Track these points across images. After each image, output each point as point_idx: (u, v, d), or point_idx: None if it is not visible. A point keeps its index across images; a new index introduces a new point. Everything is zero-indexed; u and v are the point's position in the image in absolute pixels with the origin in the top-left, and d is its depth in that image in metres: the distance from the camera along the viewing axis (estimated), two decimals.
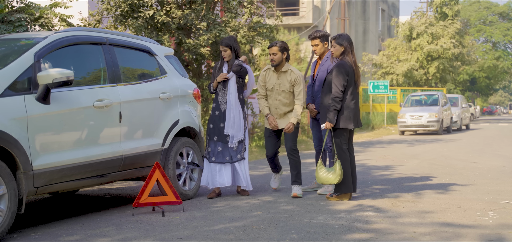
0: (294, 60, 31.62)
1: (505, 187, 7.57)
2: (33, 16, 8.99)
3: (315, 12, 38.28)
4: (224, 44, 6.92)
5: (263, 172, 9.88)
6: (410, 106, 23.38)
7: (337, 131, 6.43)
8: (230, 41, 6.93)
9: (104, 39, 6.10)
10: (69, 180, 5.42)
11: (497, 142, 17.49)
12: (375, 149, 14.85)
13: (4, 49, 5.54)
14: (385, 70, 38.01)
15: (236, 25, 12.92)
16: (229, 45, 6.90)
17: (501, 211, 5.82)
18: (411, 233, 4.87)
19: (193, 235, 4.88)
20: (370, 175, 9.11)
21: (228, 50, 6.91)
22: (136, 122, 6.19)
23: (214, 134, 6.91)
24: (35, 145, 5.00)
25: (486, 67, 53.43)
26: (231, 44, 6.90)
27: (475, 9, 60.52)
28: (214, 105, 6.99)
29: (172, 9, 12.27)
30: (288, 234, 4.85)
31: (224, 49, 6.93)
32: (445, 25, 38.53)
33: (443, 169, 9.79)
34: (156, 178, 5.92)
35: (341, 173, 6.30)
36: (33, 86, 5.09)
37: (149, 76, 6.65)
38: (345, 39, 6.48)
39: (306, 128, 19.82)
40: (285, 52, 6.90)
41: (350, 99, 6.39)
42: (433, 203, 6.30)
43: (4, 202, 4.72)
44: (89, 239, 4.81)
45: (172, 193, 5.97)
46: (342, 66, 6.38)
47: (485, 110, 67.98)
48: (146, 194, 5.88)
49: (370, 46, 45.74)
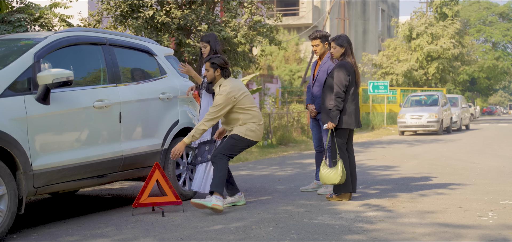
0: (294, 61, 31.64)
1: (505, 187, 7.57)
2: (33, 16, 9.00)
3: (315, 12, 38.27)
4: (204, 40, 6.77)
5: (263, 172, 9.88)
6: (410, 106, 23.38)
7: (339, 131, 6.43)
8: (210, 38, 6.77)
9: (104, 39, 6.10)
10: (69, 180, 5.42)
11: (497, 143, 17.49)
12: (375, 149, 14.85)
13: (4, 49, 5.54)
14: (385, 70, 38.01)
15: (236, 25, 12.93)
16: (208, 41, 6.74)
17: (501, 211, 5.82)
18: (411, 233, 4.87)
19: (193, 235, 4.88)
20: (370, 175, 9.11)
21: (208, 46, 6.74)
22: (136, 122, 6.19)
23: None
24: (35, 146, 5.00)
25: (486, 67, 53.43)
26: (210, 41, 6.73)
27: (475, 9, 60.52)
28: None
29: (172, 9, 12.27)
30: (287, 234, 4.85)
31: (204, 46, 6.78)
32: (445, 25, 38.54)
33: (443, 169, 9.79)
34: (156, 178, 5.92)
35: (344, 173, 6.31)
36: (33, 87, 5.09)
37: (149, 76, 6.65)
38: (345, 40, 6.50)
39: (306, 129, 19.83)
40: (218, 69, 6.15)
41: (352, 100, 6.41)
42: (433, 203, 6.30)
43: (4, 203, 4.72)
44: (89, 239, 4.81)
45: (172, 194, 5.97)
46: (343, 67, 6.39)
47: (485, 110, 67.98)
48: (146, 194, 5.88)
49: (370, 46, 45.74)
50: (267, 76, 25.21)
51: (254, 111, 6.24)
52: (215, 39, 6.78)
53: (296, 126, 19.67)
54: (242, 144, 6.15)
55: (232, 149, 6.11)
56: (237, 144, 6.12)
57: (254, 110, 6.25)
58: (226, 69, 6.20)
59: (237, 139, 6.12)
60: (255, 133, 6.18)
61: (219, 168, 5.99)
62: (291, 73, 30.36)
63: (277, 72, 29.87)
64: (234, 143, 6.11)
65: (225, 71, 6.19)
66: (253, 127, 6.18)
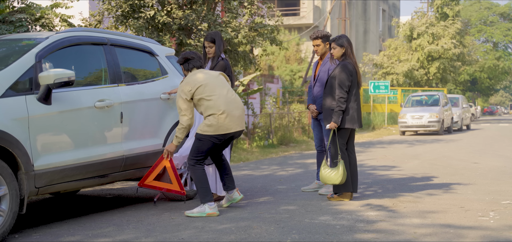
0: (294, 61, 31.64)
1: (506, 187, 7.56)
2: (34, 17, 9.00)
3: (316, 12, 38.27)
4: (209, 39, 6.62)
5: (264, 172, 9.88)
6: (410, 106, 23.38)
7: (341, 131, 6.44)
8: (216, 36, 6.64)
9: (105, 40, 6.11)
10: (70, 180, 5.42)
11: (498, 143, 17.48)
12: (375, 149, 14.85)
13: (6, 49, 5.55)
14: (386, 70, 37.99)
15: (237, 25, 12.93)
16: (214, 40, 6.62)
17: (502, 211, 5.82)
18: (412, 233, 4.87)
19: (194, 235, 4.88)
20: (371, 175, 9.11)
21: (213, 47, 6.63)
22: (137, 122, 6.19)
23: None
24: (36, 146, 5.01)
25: (486, 67, 53.41)
26: (216, 39, 6.61)
27: (475, 9, 60.50)
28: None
29: (173, 9, 12.28)
30: (289, 234, 4.85)
31: (209, 45, 6.66)
32: (445, 25, 38.52)
33: (444, 170, 9.79)
34: (163, 165, 5.95)
35: (344, 173, 6.30)
36: (35, 87, 5.09)
37: (150, 77, 6.65)
38: (345, 40, 6.50)
39: (307, 129, 19.83)
40: (182, 66, 5.97)
41: (354, 100, 6.41)
42: (434, 204, 6.30)
43: (6, 202, 4.73)
44: (90, 239, 4.82)
45: (177, 183, 5.99)
46: (346, 67, 6.39)
47: (485, 110, 67.94)
48: (151, 177, 5.93)
49: (370, 46, 45.73)
50: (268, 76, 25.21)
51: (211, 101, 5.68)
52: (220, 38, 6.66)
53: (297, 126, 19.67)
54: (205, 144, 5.72)
55: (197, 152, 5.73)
56: (200, 145, 5.73)
57: (211, 99, 5.69)
58: (187, 63, 5.86)
59: (198, 138, 5.75)
60: (213, 127, 5.66)
61: (196, 178, 5.72)
62: (292, 73, 30.35)
63: (278, 72, 29.87)
64: (197, 144, 5.75)
65: (187, 64, 5.87)
66: (210, 120, 5.67)
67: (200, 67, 5.90)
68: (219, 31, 6.98)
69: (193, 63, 5.87)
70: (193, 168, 5.77)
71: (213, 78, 5.85)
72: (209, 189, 5.74)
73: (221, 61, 6.61)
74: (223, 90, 5.80)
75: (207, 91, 5.71)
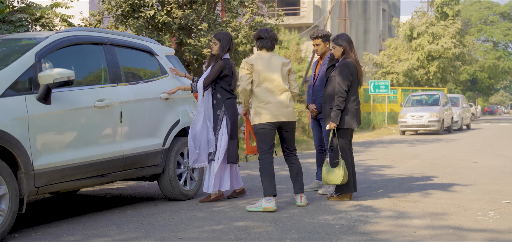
0: (295, 60, 31.64)
1: (506, 187, 7.56)
2: (34, 16, 9.00)
3: (316, 12, 38.27)
4: (216, 36, 6.62)
5: None
6: (411, 106, 23.38)
7: (340, 131, 6.43)
8: (222, 36, 6.60)
9: (105, 39, 6.11)
10: (70, 180, 5.42)
11: (498, 142, 17.49)
12: (375, 149, 14.85)
13: (5, 49, 5.54)
14: (386, 70, 38.00)
15: (237, 25, 12.93)
16: (220, 39, 6.58)
17: (501, 211, 5.82)
18: (412, 233, 4.87)
19: (194, 235, 4.88)
20: (371, 175, 9.12)
21: (218, 44, 6.58)
22: (137, 122, 6.19)
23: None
24: (36, 145, 5.01)
25: (487, 67, 53.42)
26: (221, 39, 6.57)
27: (476, 9, 60.51)
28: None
29: (173, 9, 12.28)
30: (288, 234, 4.86)
31: (214, 42, 6.62)
32: (445, 25, 38.53)
33: (444, 169, 9.79)
34: (249, 129, 6.77)
35: (345, 174, 6.29)
36: (34, 86, 5.09)
37: (150, 76, 6.65)
38: (344, 39, 6.47)
39: (307, 128, 19.83)
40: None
41: (353, 99, 6.40)
42: (433, 203, 6.30)
43: (5, 202, 4.73)
44: (90, 239, 4.82)
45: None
46: (346, 66, 6.38)
47: (486, 110, 67.96)
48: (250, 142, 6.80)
49: (370, 46, 45.74)
50: None
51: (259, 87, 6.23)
52: (228, 40, 6.59)
53: (296, 125, 19.66)
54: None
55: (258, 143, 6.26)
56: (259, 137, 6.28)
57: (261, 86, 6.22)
58: (259, 41, 6.24)
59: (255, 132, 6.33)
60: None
61: (260, 170, 6.11)
62: None
63: None
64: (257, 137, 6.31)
65: (259, 42, 6.24)
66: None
67: (270, 48, 6.24)
68: (230, 33, 6.93)
69: (263, 43, 6.22)
70: (260, 161, 6.14)
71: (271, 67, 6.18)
72: (270, 183, 5.93)
73: (220, 61, 6.57)
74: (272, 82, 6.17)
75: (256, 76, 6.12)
